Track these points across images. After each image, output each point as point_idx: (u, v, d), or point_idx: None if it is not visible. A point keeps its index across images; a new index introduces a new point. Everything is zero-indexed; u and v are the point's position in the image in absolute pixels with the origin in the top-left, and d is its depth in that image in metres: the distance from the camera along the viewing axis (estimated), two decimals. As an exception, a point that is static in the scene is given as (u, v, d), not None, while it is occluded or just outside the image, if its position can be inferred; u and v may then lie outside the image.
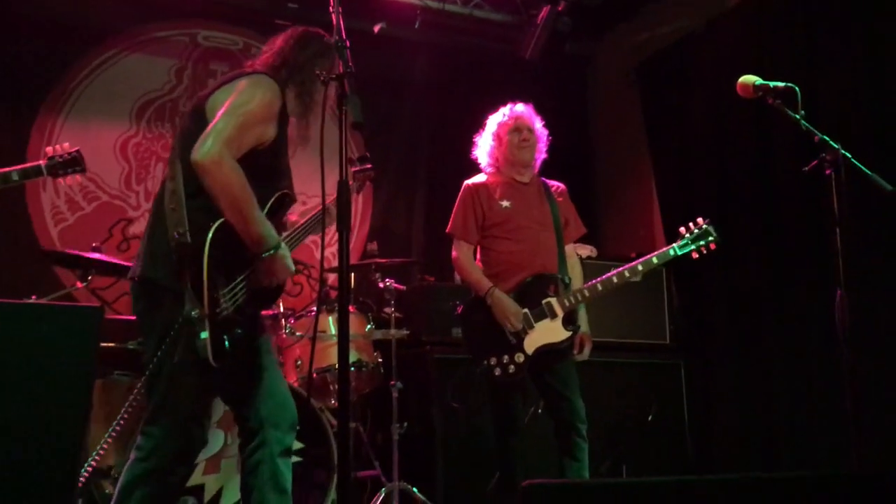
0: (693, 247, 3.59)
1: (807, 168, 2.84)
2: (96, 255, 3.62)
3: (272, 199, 2.53)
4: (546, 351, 3.41)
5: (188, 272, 2.31)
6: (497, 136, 3.67)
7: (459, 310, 3.63)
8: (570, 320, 3.47)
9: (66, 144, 3.31)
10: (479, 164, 3.74)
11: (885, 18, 4.02)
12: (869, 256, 3.79)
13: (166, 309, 2.37)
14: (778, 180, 4.51)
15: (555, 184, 3.78)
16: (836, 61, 4.23)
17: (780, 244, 4.48)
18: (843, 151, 2.75)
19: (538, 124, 3.70)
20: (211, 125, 2.36)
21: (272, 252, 2.42)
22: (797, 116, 2.84)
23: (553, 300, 3.45)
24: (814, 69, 4.32)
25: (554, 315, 3.44)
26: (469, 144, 3.79)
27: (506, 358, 3.38)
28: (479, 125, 3.77)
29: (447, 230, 3.66)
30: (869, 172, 2.77)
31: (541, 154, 3.71)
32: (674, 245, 3.61)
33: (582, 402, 3.44)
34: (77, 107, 5.13)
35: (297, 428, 2.61)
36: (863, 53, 4.11)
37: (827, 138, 2.79)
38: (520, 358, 3.37)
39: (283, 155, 2.61)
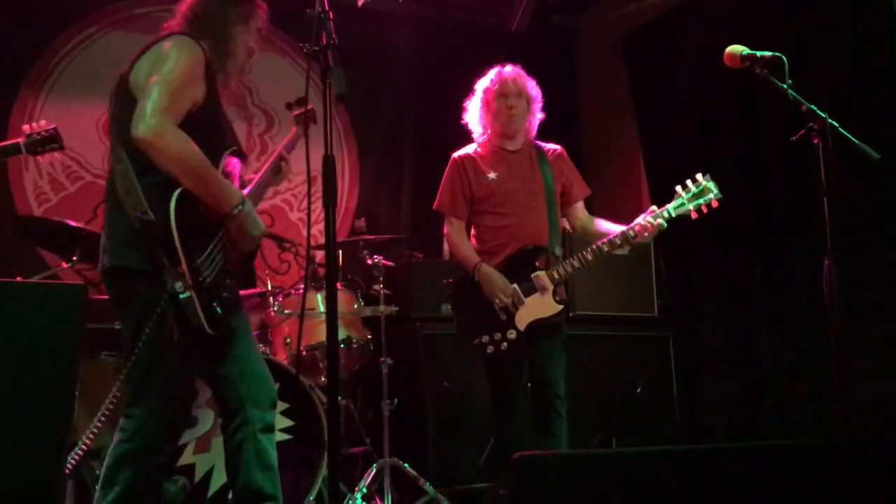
0: (691, 206, 3.32)
1: (794, 138, 2.84)
2: (76, 223, 3.61)
3: (222, 158, 2.49)
4: (538, 325, 3.32)
5: (160, 249, 2.27)
6: (485, 103, 3.51)
7: (450, 289, 3.57)
8: (560, 293, 3.36)
9: (43, 122, 3.30)
10: (471, 132, 3.60)
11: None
12: (856, 225, 3.80)
13: (142, 292, 2.35)
14: (765, 150, 4.51)
15: (550, 147, 3.61)
16: (822, 31, 4.21)
17: (767, 215, 4.49)
18: (830, 121, 2.75)
19: (529, 85, 3.52)
20: (144, 99, 2.31)
21: (240, 208, 2.39)
22: (784, 86, 2.83)
23: (542, 273, 3.34)
24: (800, 39, 4.30)
25: (544, 288, 3.33)
26: (456, 118, 3.66)
27: (498, 335, 3.30)
28: (465, 98, 3.66)
29: (434, 206, 3.57)
30: (856, 141, 2.77)
31: (534, 117, 3.55)
32: (667, 206, 3.34)
33: (562, 379, 3.35)
34: (58, 85, 5.05)
35: (276, 404, 2.62)
36: (848, 23, 4.10)
37: (814, 108, 2.78)
38: (512, 334, 3.29)
39: (220, 112, 2.57)
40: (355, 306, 4.13)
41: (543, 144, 3.61)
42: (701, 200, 3.31)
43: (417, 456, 4.16)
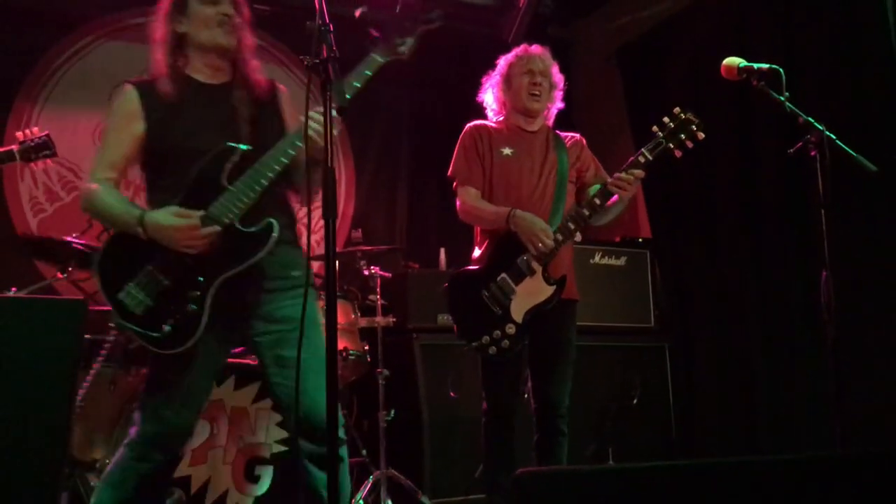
0: (671, 143, 3.03)
1: (792, 150, 2.85)
2: (73, 239, 3.60)
3: (194, 172, 2.42)
4: (536, 314, 3.09)
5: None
6: (506, 78, 3.29)
7: (445, 293, 3.39)
8: (552, 272, 3.11)
9: (36, 129, 3.34)
10: (485, 109, 3.39)
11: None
12: (853, 237, 3.81)
13: None
14: (760, 162, 4.53)
15: (569, 134, 3.43)
16: (817, 42, 4.23)
17: (763, 226, 4.50)
18: (827, 133, 2.76)
19: (555, 70, 3.35)
20: None
21: (139, 227, 2.37)
22: (782, 98, 2.84)
23: (528, 255, 3.08)
24: (794, 50, 4.33)
25: (532, 272, 3.09)
26: (452, 128, 3.57)
27: (497, 333, 3.06)
28: (461, 109, 3.61)
29: (448, 174, 3.32)
30: (853, 153, 2.78)
31: (555, 104, 3.38)
32: (642, 150, 3.06)
33: (568, 391, 3.18)
34: (54, 95, 5.04)
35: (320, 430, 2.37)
36: (842, 34, 4.12)
37: (812, 120, 2.79)
38: (511, 329, 3.06)
39: (179, 123, 2.50)
40: (352, 317, 4.12)
41: (561, 132, 3.44)
42: (682, 135, 3.03)
43: (414, 467, 4.15)
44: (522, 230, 3.08)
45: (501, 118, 3.37)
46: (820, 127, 2.77)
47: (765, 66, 2.92)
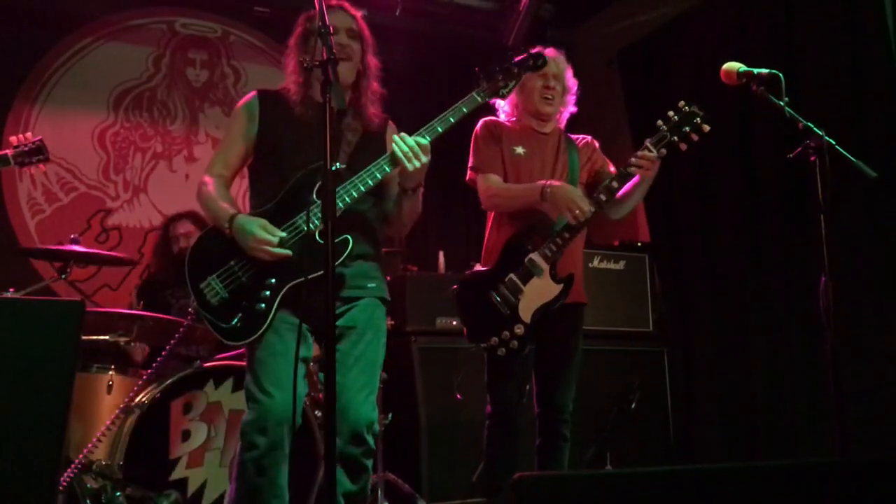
0: (675, 137, 3.01)
1: (791, 155, 2.85)
2: (73, 248, 3.59)
3: (291, 182, 2.55)
4: (544, 316, 3.06)
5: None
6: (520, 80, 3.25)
7: (454, 295, 3.33)
8: (560, 270, 3.08)
9: (29, 134, 3.38)
10: (497, 110, 3.34)
11: (863, 3, 4.04)
12: (853, 243, 3.81)
13: None
14: (759, 167, 4.53)
15: (580, 136, 3.42)
16: (817, 48, 4.24)
17: (761, 231, 4.50)
18: (827, 138, 2.76)
19: (569, 74, 3.34)
20: None
21: (226, 225, 2.52)
22: (781, 103, 2.84)
23: (534, 255, 3.07)
24: (794, 55, 4.33)
25: (540, 271, 3.06)
26: (451, 131, 3.59)
27: (506, 334, 3.03)
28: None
29: (470, 166, 3.27)
30: (853, 159, 2.77)
31: (566, 109, 3.38)
32: (646, 142, 3.04)
33: (571, 397, 3.18)
34: (53, 96, 5.05)
35: (359, 435, 2.50)
36: (842, 39, 4.13)
37: (811, 125, 2.79)
38: (519, 329, 3.03)
39: (288, 135, 2.64)
40: (350, 320, 4.11)
41: (572, 135, 3.42)
42: (686, 128, 3.00)
43: (412, 471, 4.14)
44: (560, 199, 3.04)
45: (514, 119, 3.35)
46: (819, 132, 2.77)
47: (764, 71, 2.91)
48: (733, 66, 2.99)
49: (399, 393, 4.28)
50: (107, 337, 3.62)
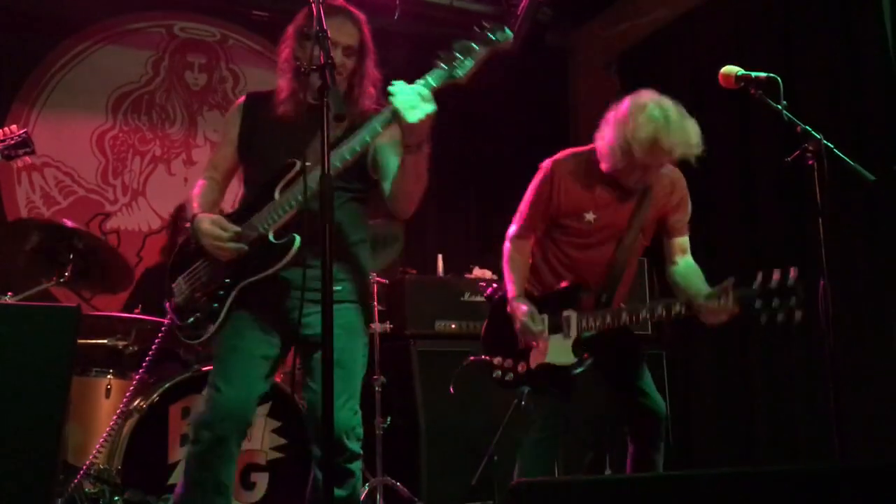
0: (766, 308, 2.68)
1: (789, 158, 2.85)
2: (72, 224, 3.61)
3: (269, 174, 2.53)
4: (550, 376, 2.98)
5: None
6: (626, 145, 2.88)
7: (489, 291, 3.33)
8: (583, 345, 2.94)
9: (14, 126, 3.38)
10: (596, 144, 3.04)
11: (861, 8, 4.04)
12: (851, 246, 3.81)
13: None
14: (758, 170, 4.53)
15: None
16: (815, 52, 4.24)
17: (760, 235, 4.50)
18: (825, 142, 2.75)
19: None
20: None
21: (188, 224, 2.59)
22: (780, 107, 2.84)
23: (573, 314, 2.95)
24: (792, 59, 4.33)
25: (567, 334, 2.95)
26: (447, 134, 3.39)
27: (510, 362, 3.03)
28: (458, 116, 3.56)
29: (518, 218, 3.12)
30: (851, 163, 2.77)
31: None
32: (743, 291, 2.79)
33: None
34: (52, 99, 5.04)
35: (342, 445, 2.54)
36: (841, 43, 4.13)
37: (809, 129, 2.79)
38: (521, 368, 3.01)
39: (262, 135, 2.65)
40: (349, 323, 4.10)
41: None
42: (775, 306, 2.66)
43: (410, 475, 4.13)
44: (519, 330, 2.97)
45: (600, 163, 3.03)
46: (818, 136, 2.76)
47: (762, 74, 2.91)
48: (731, 69, 2.99)
49: (398, 396, 4.27)
50: (105, 341, 3.62)
